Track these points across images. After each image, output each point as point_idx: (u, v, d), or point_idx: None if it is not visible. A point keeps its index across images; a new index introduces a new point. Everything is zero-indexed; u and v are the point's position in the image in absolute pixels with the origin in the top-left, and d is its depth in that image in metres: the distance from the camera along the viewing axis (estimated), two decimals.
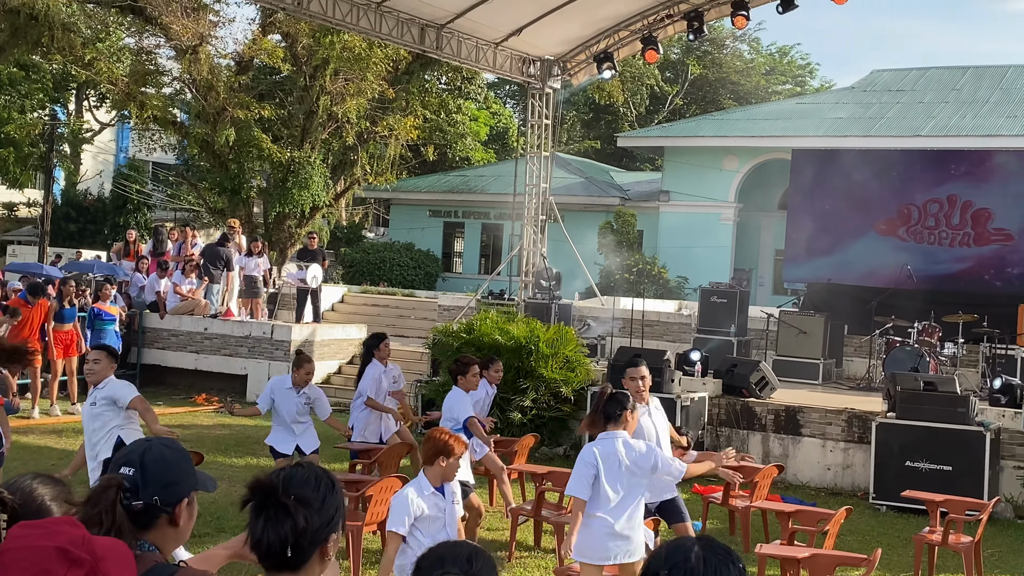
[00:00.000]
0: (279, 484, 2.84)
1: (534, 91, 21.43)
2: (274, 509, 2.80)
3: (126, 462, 3.03)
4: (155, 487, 3.00)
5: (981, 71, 34.36)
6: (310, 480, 2.90)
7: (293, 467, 2.95)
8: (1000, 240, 18.24)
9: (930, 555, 9.97)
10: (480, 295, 22.54)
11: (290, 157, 28.51)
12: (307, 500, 2.83)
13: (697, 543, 2.47)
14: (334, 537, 2.90)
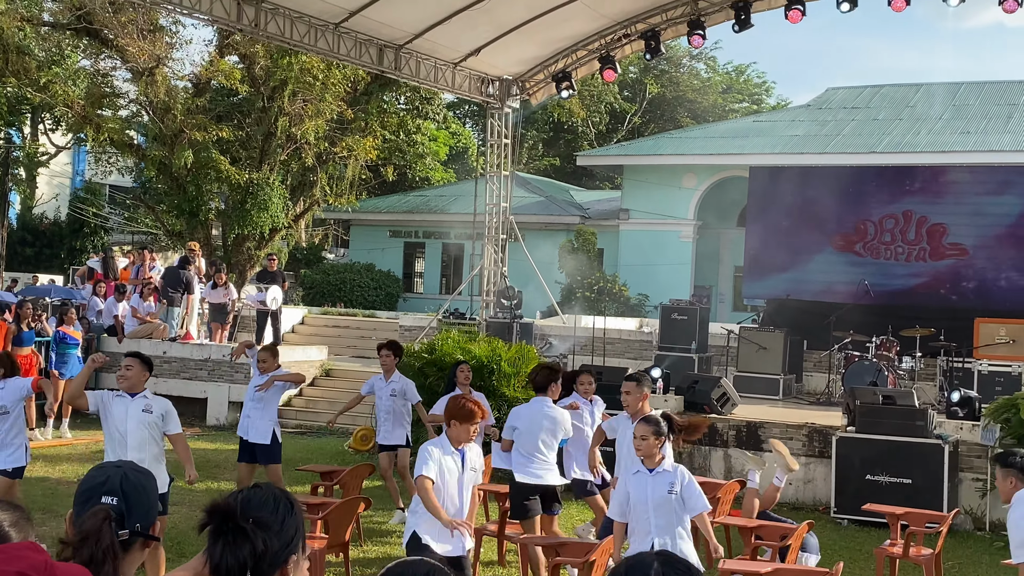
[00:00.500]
0: (237, 507, 2.81)
1: (493, 111, 21.48)
2: (232, 533, 2.77)
3: (107, 491, 2.99)
4: (138, 514, 2.98)
5: (934, 88, 34.87)
6: (268, 502, 2.87)
7: (251, 489, 2.92)
8: (955, 255, 18.46)
9: (892, 567, 10.04)
10: (441, 315, 22.51)
11: (248, 179, 28.37)
12: (266, 523, 2.80)
13: (657, 559, 2.47)
14: (294, 558, 2.88)
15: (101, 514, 2.86)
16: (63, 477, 13.75)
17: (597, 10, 18.39)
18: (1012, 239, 18.09)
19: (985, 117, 31.45)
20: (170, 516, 11.04)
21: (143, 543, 3.00)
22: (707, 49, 51.55)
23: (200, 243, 28.21)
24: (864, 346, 16.91)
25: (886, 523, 10.76)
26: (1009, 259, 18.10)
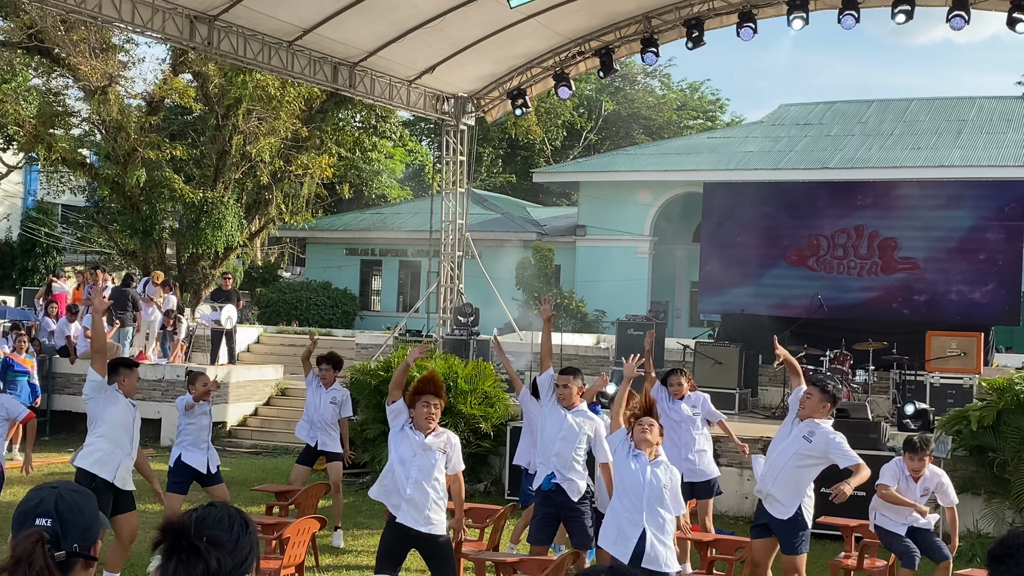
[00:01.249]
0: (191, 526, 2.79)
1: (448, 128, 21.52)
2: (186, 552, 2.75)
3: (41, 513, 2.96)
4: (74, 535, 2.95)
5: (885, 104, 35.39)
6: (223, 521, 2.86)
7: (205, 508, 2.90)
8: (906, 268, 18.69)
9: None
10: (398, 333, 22.45)
11: (203, 197, 28.19)
12: (219, 542, 2.79)
13: (606, 571, 2.49)
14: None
15: (33, 536, 2.83)
16: (14, 500, 13.53)
17: (551, 28, 18.50)
18: (962, 253, 18.35)
19: (935, 133, 31.95)
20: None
21: (84, 563, 2.97)
22: (661, 66, 52.04)
23: (153, 262, 27.98)
24: (818, 360, 17.06)
25: (841, 535, 10.86)
26: (959, 273, 18.35)
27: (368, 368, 15.62)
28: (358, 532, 12.22)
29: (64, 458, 15.63)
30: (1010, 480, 11.96)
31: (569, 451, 8.58)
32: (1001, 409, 12.09)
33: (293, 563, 9.17)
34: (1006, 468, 12.09)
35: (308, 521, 9.36)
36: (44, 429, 18.54)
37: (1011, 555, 2.02)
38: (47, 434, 18.80)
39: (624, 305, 28.13)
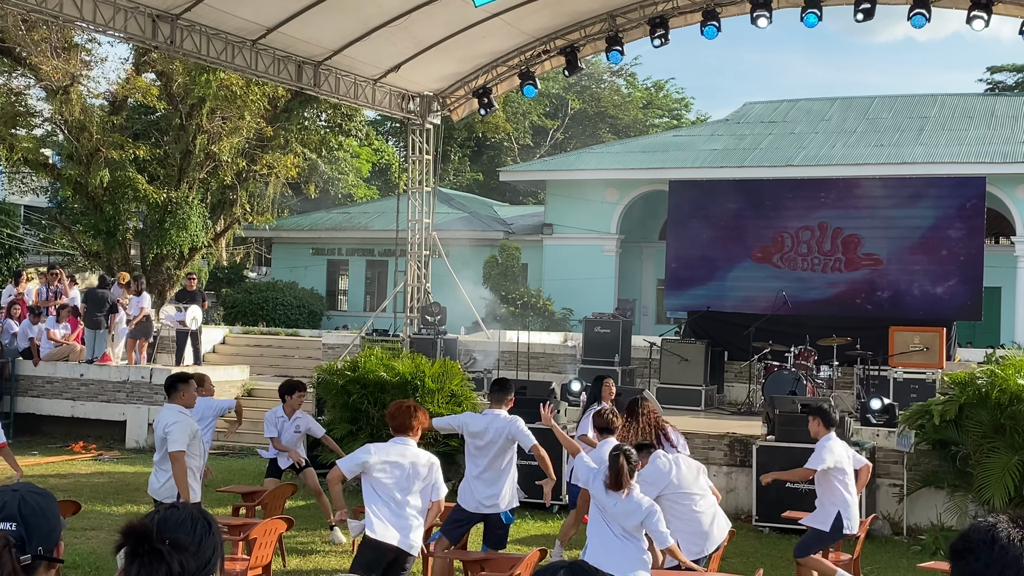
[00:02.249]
0: (153, 528, 2.78)
1: (414, 127, 21.49)
2: (148, 555, 2.73)
3: (4, 517, 2.94)
4: (38, 538, 2.92)
5: (848, 102, 35.67)
6: (185, 523, 2.84)
7: (168, 510, 2.89)
8: (870, 265, 18.85)
9: None
10: (365, 332, 22.39)
11: (167, 197, 28.00)
12: (182, 544, 2.78)
13: (564, 567, 2.50)
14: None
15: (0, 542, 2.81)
16: None
17: (516, 27, 18.52)
18: (924, 249, 18.52)
19: (898, 130, 32.24)
20: (88, 540, 10.85)
21: (48, 565, 2.95)
22: (627, 65, 52.21)
23: (118, 263, 27.77)
24: (783, 356, 17.18)
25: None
26: (921, 268, 18.52)
27: (335, 368, 15.56)
28: (325, 533, 12.19)
29: (28, 461, 15.49)
30: (972, 473, 12.09)
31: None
32: (963, 403, 12.22)
33: (260, 564, 9.13)
34: (968, 462, 12.22)
35: (275, 522, 9.32)
36: (8, 432, 18.34)
37: (971, 550, 2.04)
38: (11, 437, 18.58)
39: (591, 303, 28.20)
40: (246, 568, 8.89)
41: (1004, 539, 2.00)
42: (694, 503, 8.21)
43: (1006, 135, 30.73)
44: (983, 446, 11.99)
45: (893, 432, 13.05)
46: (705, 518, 8.25)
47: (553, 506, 13.70)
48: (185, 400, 8.98)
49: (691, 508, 8.19)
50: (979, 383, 12.11)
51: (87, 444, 18.24)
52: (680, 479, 8.21)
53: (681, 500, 8.17)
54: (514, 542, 11.97)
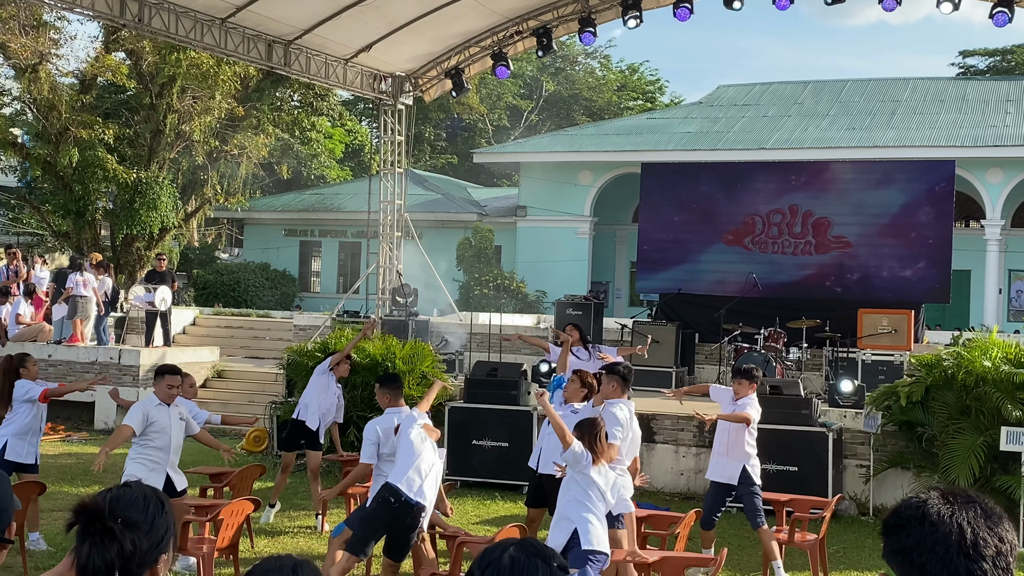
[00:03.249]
0: (105, 507, 2.76)
1: (386, 107, 21.39)
2: (100, 533, 2.72)
3: None
4: None
5: (821, 85, 35.77)
6: (138, 502, 2.82)
7: (120, 488, 2.87)
8: (839, 247, 18.93)
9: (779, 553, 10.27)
10: (336, 314, 22.33)
11: (137, 178, 27.77)
12: (135, 523, 2.76)
13: (514, 544, 2.50)
14: (164, 558, 2.84)
15: None
16: None
17: (488, 7, 18.44)
18: (893, 231, 18.61)
19: (870, 113, 32.37)
20: (51, 522, 10.79)
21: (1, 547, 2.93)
22: (601, 47, 52.18)
23: (87, 243, 27.56)
24: (753, 338, 17.25)
25: (772, 510, 11.01)
26: (891, 251, 18.62)
27: (305, 349, 15.52)
28: (295, 513, 12.18)
29: None
30: (938, 454, 12.19)
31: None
32: (930, 385, 12.31)
33: (227, 544, 9.11)
34: (934, 443, 12.32)
35: (242, 503, 9.30)
36: None
37: (902, 526, 2.04)
38: None
39: (565, 285, 28.22)
40: (213, 548, 8.87)
41: (934, 516, 2.00)
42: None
43: (977, 119, 30.91)
44: (949, 427, 12.09)
45: (860, 413, 13.14)
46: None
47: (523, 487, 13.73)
48: (159, 391, 8.97)
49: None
50: (945, 365, 12.20)
51: (55, 425, 18.11)
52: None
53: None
54: (485, 523, 12.01)
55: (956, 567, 1.95)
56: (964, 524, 1.98)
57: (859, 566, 10.59)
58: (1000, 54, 50.94)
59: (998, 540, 1.98)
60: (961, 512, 2.00)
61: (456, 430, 14.22)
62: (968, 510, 2.01)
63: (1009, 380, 11.69)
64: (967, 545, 1.95)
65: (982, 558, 1.95)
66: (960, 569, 1.94)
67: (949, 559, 1.95)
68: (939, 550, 1.96)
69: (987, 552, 1.95)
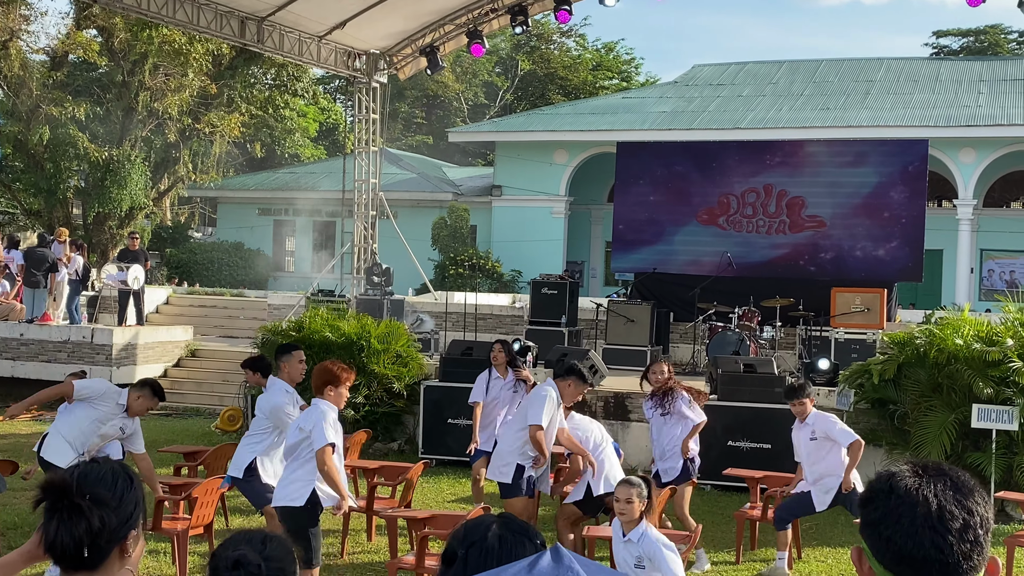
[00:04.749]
0: (73, 484, 2.73)
1: (360, 85, 21.27)
2: (68, 510, 2.70)
3: None
4: None
5: (796, 65, 35.81)
6: (106, 478, 2.80)
7: (88, 464, 2.84)
8: (813, 227, 19.00)
9: (752, 530, 10.36)
10: (310, 293, 22.25)
11: (109, 156, 27.53)
12: (103, 500, 2.73)
13: (496, 521, 2.47)
14: (134, 534, 2.82)
15: None
16: None
17: None
18: (867, 210, 18.69)
19: (844, 93, 32.45)
20: (17, 503, 10.72)
21: None
22: (576, 26, 51.99)
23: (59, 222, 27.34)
24: (727, 317, 17.30)
25: (747, 487, 11.08)
26: (864, 230, 18.70)
27: (279, 328, 15.46)
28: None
29: None
30: (910, 431, 12.28)
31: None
32: (902, 363, 12.39)
33: (201, 523, 9.08)
34: (906, 420, 12.41)
35: (216, 481, 9.27)
36: None
37: (872, 499, 2.05)
38: None
39: (540, 265, 28.21)
40: (187, 527, 8.84)
41: (902, 489, 2.01)
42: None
43: (950, 99, 31.04)
44: (920, 405, 12.18)
45: (833, 391, 13.21)
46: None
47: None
48: (131, 399, 8.65)
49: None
50: (917, 343, 12.28)
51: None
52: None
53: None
54: (461, 501, 12.02)
55: (921, 539, 1.95)
56: (931, 496, 1.97)
57: (832, 542, 10.68)
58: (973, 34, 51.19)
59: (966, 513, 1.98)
60: (929, 485, 2.00)
61: (431, 409, 14.23)
62: (937, 483, 2.01)
63: (980, 358, 11.78)
64: (933, 518, 1.95)
65: (948, 531, 1.94)
66: (925, 541, 1.94)
67: (914, 531, 1.95)
68: (904, 522, 1.96)
69: (953, 525, 1.95)
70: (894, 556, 1.96)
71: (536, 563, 1.93)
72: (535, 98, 50.70)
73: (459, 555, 2.40)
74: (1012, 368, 11.68)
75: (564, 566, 1.91)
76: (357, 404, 14.17)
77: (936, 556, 1.94)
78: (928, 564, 1.94)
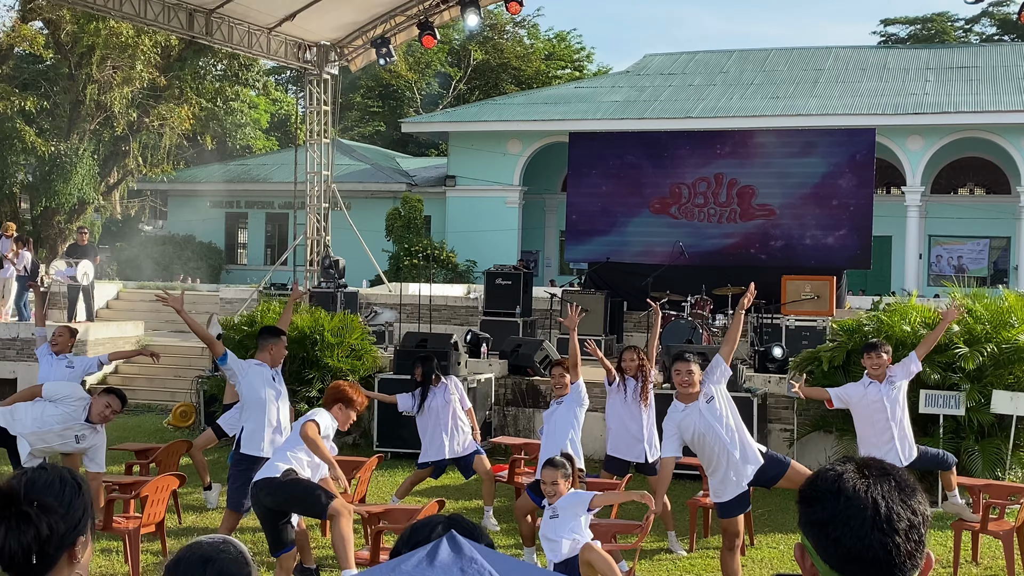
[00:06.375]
0: (20, 491, 2.72)
1: (311, 77, 21.15)
2: (16, 518, 2.68)
3: None
4: None
5: (745, 54, 36.08)
6: (54, 485, 2.79)
7: (36, 471, 2.83)
8: (763, 215, 19.16)
9: (704, 518, 10.46)
10: (263, 286, 22.12)
11: (56, 149, 27.17)
12: (50, 507, 2.72)
13: (443, 522, 2.50)
14: (82, 539, 2.81)
15: None
16: None
17: None
18: (816, 199, 18.89)
19: (793, 82, 32.74)
20: None
21: None
22: (529, 16, 52.02)
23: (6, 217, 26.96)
24: (680, 305, 17.41)
25: (700, 475, 11.18)
26: (813, 218, 18.89)
27: (232, 323, 15.37)
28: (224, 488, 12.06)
29: None
30: None
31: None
32: (851, 349, 12.53)
33: (153, 521, 9.03)
34: None
35: (168, 478, 9.22)
36: None
37: (818, 498, 2.08)
38: None
39: (495, 255, 28.25)
40: (139, 525, 8.79)
41: (849, 490, 2.04)
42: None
43: (898, 87, 31.42)
44: None
45: (784, 378, 13.35)
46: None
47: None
48: (94, 405, 8.84)
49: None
50: (866, 330, 12.43)
51: None
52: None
53: None
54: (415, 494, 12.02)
55: (870, 541, 1.99)
56: (879, 499, 2.02)
57: (783, 528, 10.80)
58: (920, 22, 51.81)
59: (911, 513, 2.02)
60: (876, 486, 2.04)
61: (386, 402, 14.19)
62: (883, 484, 2.05)
63: None
64: (881, 519, 1.99)
65: (895, 532, 1.99)
66: (874, 543, 1.99)
67: (864, 533, 1.99)
68: (854, 524, 2.00)
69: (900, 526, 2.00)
70: (842, 556, 2.00)
71: (436, 553, 1.94)
72: (488, 88, 50.64)
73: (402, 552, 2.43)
74: (958, 354, 11.87)
75: (465, 556, 1.92)
76: (311, 398, 14.12)
77: (884, 557, 1.98)
78: (876, 564, 1.99)
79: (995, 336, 12.10)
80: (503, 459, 12.66)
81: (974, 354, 11.85)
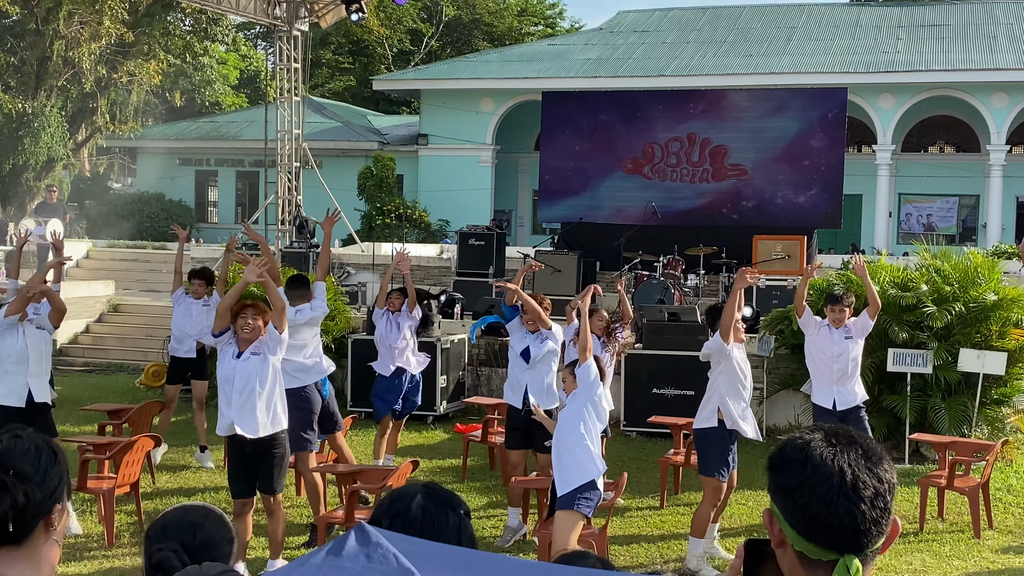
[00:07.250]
0: None
1: (281, 33, 20.95)
2: None
3: None
4: None
5: (719, 12, 35.99)
6: (29, 453, 2.79)
7: (10, 439, 2.83)
8: (736, 175, 19.19)
9: (675, 475, 10.59)
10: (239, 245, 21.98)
11: (23, 107, 26.83)
12: (26, 475, 2.73)
13: (421, 492, 2.53)
14: (59, 507, 2.82)
15: None
16: None
17: None
18: (787, 159, 18.93)
19: (766, 40, 32.72)
20: None
21: None
22: None
23: None
24: (652, 265, 17.45)
25: (671, 434, 11.30)
26: (785, 178, 18.94)
27: None
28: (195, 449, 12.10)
29: None
30: None
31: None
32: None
33: (127, 482, 9.05)
34: None
35: (142, 439, 9.22)
36: None
37: (786, 466, 2.12)
38: None
39: (468, 214, 28.21)
40: (114, 486, 8.81)
41: (817, 458, 2.09)
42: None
43: (870, 44, 31.47)
44: None
45: (754, 337, 13.46)
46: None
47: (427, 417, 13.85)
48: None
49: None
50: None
51: None
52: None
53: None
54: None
55: (836, 507, 2.04)
56: (845, 466, 2.07)
57: (753, 485, 10.94)
58: None
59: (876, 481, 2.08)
60: (843, 454, 2.09)
61: (359, 363, 14.20)
62: (850, 452, 2.10)
63: (896, 303, 12.09)
64: (847, 487, 2.05)
65: (860, 499, 2.05)
66: (840, 509, 2.04)
67: (829, 500, 2.05)
68: (820, 491, 2.05)
69: (865, 494, 2.05)
70: (809, 523, 2.06)
71: (343, 545, 1.97)
72: (460, 44, 50.30)
73: (383, 525, 2.45)
74: (926, 313, 12.01)
75: (372, 543, 1.94)
76: None
77: (850, 524, 2.04)
78: (842, 531, 2.05)
79: (963, 295, 12.25)
80: (476, 419, 12.75)
81: (942, 313, 11.99)
